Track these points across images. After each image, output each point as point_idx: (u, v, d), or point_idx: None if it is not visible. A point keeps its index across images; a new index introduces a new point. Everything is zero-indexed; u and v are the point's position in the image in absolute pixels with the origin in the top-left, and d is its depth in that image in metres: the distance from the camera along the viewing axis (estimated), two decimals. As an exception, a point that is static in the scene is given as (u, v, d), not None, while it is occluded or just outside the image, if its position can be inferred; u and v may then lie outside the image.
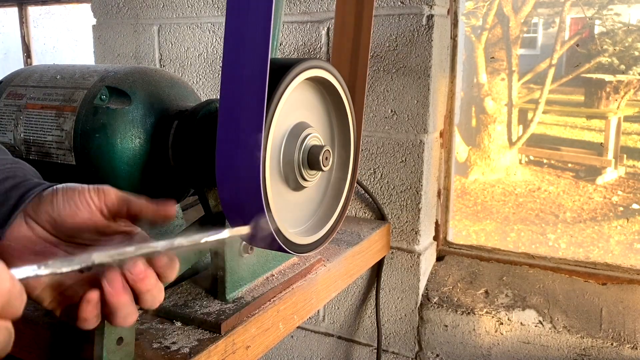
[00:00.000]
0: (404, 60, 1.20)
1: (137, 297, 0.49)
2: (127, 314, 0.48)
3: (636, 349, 1.07)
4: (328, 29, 1.28)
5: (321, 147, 0.77)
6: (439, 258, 1.37)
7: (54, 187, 0.54)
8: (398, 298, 1.29)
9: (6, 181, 0.54)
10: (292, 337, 1.44)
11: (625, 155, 1.30)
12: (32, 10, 2.22)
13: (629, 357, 1.07)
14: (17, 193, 0.52)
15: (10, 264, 0.41)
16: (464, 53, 1.33)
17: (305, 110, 0.80)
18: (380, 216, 1.27)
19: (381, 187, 1.26)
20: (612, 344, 1.08)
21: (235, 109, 0.65)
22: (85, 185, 0.54)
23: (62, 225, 0.51)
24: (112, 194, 0.54)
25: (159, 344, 0.71)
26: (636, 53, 1.24)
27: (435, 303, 1.24)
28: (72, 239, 0.53)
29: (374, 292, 1.29)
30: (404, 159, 1.23)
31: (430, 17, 1.16)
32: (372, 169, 1.27)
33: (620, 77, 1.25)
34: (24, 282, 0.40)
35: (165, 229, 0.88)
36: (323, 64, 0.78)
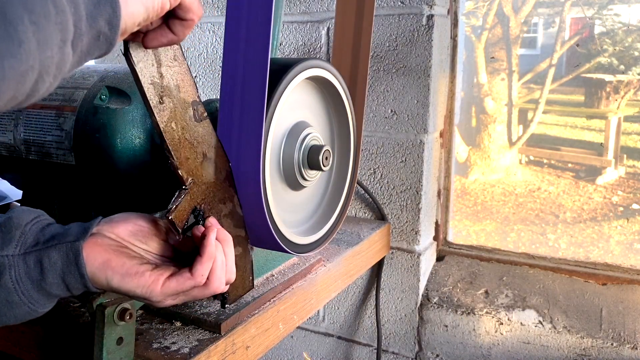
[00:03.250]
0: (404, 60, 1.20)
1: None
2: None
3: (636, 349, 1.07)
4: (328, 28, 1.28)
5: (321, 146, 0.77)
6: (439, 258, 1.36)
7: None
8: (398, 298, 1.28)
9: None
10: (292, 337, 1.44)
11: (625, 155, 1.30)
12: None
13: (629, 358, 1.07)
14: (74, 227, 0.57)
15: (94, 254, 0.54)
16: (464, 53, 1.33)
17: (306, 109, 0.80)
18: (380, 216, 1.27)
19: (381, 187, 1.26)
20: (612, 344, 1.08)
21: (236, 108, 0.65)
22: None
23: (139, 230, 0.59)
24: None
25: (158, 344, 0.71)
26: (636, 53, 1.24)
27: (435, 303, 1.24)
28: (143, 244, 0.60)
29: (374, 293, 1.29)
30: (404, 159, 1.23)
31: (430, 17, 1.16)
32: (372, 169, 1.27)
33: (620, 77, 1.25)
34: None
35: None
36: (323, 63, 0.78)
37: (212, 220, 0.62)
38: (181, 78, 0.60)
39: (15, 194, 1.21)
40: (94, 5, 0.40)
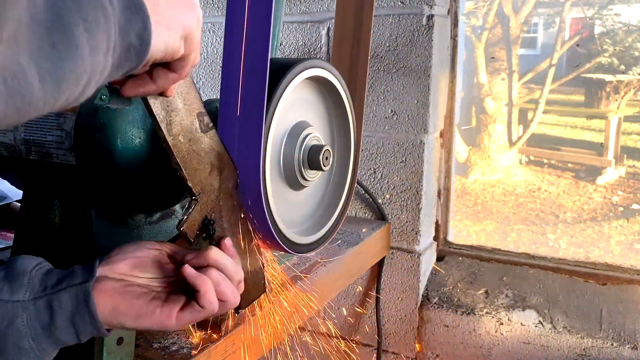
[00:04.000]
0: (404, 60, 1.20)
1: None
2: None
3: (636, 349, 1.07)
4: (328, 29, 1.28)
5: (321, 146, 0.77)
6: (439, 258, 1.36)
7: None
8: (398, 298, 1.28)
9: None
10: (292, 337, 1.44)
11: (625, 155, 1.30)
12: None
13: (629, 357, 1.07)
14: (78, 269, 0.57)
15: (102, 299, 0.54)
16: (464, 53, 1.33)
17: (306, 109, 0.80)
18: (381, 216, 1.27)
19: (381, 187, 1.26)
20: (612, 344, 1.08)
21: (236, 108, 0.65)
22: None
23: (139, 261, 0.59)
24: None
25: (159, 344, 0.71)
26: (636, 53, 1.24)
27: (435, 303, 1.24)
28: (145, 273, 0.59)
29: (374, 292, 1.29)
30: (404, 159, 1.23)
31: (430, 17, 1.16)
32: (372, 169, 1.27)
33: (620, 77, 1.25)
34: None
35: (166, 228, 0.88)
36: (323, 63, 0.78)
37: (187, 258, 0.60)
38: (186, 91, 0.60)
39: (15, 194, 1.21)
40: (126, 18, 0.41)
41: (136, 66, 0.44)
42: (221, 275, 0.58)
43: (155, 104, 0.56)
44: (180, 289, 0.59)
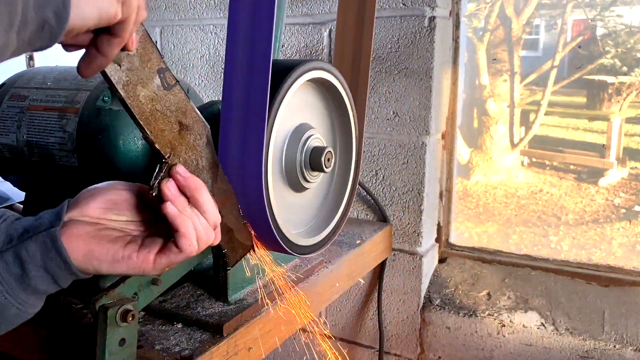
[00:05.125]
0: (405, 61, 1.20)
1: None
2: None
3: (639, 351, 1.06)
4: (330, 30, 1.28)
5: (323, 148, 0.77)
6: (441, 260, 1.36)
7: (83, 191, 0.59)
8: (400, 300, 1.28)
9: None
10: (293, 339, 1.44)
11: (627, 157, 1.30)
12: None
13: (631, 359, 1.07)
14: (46, 215, 0.55)
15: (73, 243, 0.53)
16: (466, 54, 1.33)
17: (308, 111, 0.80)
18: (382, 218, 1.27)
19: (383, 188, 1.26)
20: (614, 346, 1.08)
21: (238, 110, 0.65)
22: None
23: (113, 204, 0.57)
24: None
25: (161, 346, 0.71)
26: (639, 55, 1.23)
27: (437, 305, 1.24)
28: (120, 216, 0.57)
29: (376, 294, 1.29)
30: (406, 160, 1.23)
31: (432, 18, 1.16)
32: (374, 171, 1.27)
33: (622, 78, 1.25)
34: None
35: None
36: (325, 65, 0.78)
37: (165, 185, 0.57)
38: (141, 46, 0.55)
39: (17, 195, 1.21)
40: None
41: (48, 45, 0.42)
42: (198, 215, 0.57)
43: (109, 66, 0.53)
44: (156, 232, 0.57)
